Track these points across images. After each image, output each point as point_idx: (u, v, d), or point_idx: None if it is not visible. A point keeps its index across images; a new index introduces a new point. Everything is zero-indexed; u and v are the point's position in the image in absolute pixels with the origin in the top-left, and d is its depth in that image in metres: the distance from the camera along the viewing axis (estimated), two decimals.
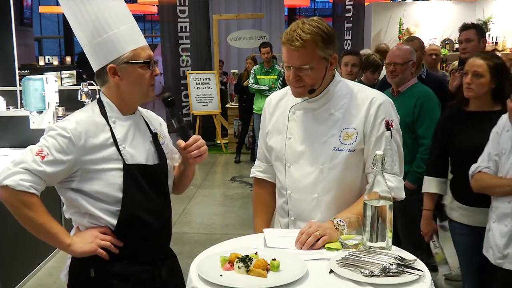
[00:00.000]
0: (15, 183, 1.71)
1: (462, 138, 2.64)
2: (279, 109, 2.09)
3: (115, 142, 1.83)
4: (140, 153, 1.88)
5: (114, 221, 1.83)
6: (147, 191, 1.87)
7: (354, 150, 1.93)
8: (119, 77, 1.83)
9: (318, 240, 1.76)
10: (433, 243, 2.77)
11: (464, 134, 2.64)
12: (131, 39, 1.84)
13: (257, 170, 2.23)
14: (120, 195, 1.81)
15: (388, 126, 1.94)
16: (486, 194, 2.43)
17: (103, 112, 1.86)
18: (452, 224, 2.75)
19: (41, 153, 1.74)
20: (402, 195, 1.96)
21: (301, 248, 1.75)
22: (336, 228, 1.81)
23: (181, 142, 1.93)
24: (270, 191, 2.19)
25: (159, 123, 2.06)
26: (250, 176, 2.26)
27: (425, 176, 2.85)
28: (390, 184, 1.83)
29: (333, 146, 1.94)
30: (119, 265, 1.85)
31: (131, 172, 1.83)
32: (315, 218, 1.96)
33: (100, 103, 1.89)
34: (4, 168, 1.76)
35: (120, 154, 1.82)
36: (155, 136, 1.97)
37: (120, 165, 1.82)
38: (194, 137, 1.93)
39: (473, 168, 2.42)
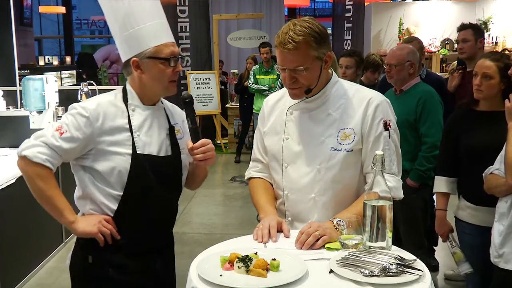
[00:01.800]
0: (32, 155, 1.83)
1: (471, 138, 2.63)
2: (276, 110, 2.09)
3: (130, 129, 1.90)
4: (153, 143, 1.94)
5: (114, 207, 1.90)
6: (153, 181, 1.91)
7: (352, 150, 1.94)
8: (141, 70, 1.91)
9: (318, 240, 1.76)
10: (449, 242, 2.74)
11: (474, 134, 2.63)
12: (155, 35, 1.90)
13: (253, 171, 2.19)
14: (126, 179, 1.88)
15: (386, 126, 1.94)
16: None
17: (125, 99, 1.95)
18: (459, 224, 2.74)
19: (60, 129, 1.86)
20: (400, 194, 1.97)
21: (301, 248, 1.75)
22: (336, 228, 1.81)
23: (190, 143, 1.95)
24: (268, 184, 2.15)
25: (182, 120, 2.09)
26: (245, 179, 2.22)
27: (435, 176, 2.84)
28: (389, 184, 1.82)
29: (331, 146, 1.94)
30: (116, 256, 1.93)
31: (140, 161, 1.89)
32: (312, 218, 1.95)
33: (124, 90, 1.98)
34: (26, 140, 1.89)
35: (133, 141, 1.89)
36: (172, 129, 2.02)
37: (131, 151, 1.88)
38: (203, 141, 1.94)
39: (486, 170, 2.43)
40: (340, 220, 1.82)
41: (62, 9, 14.60)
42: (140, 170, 1.89)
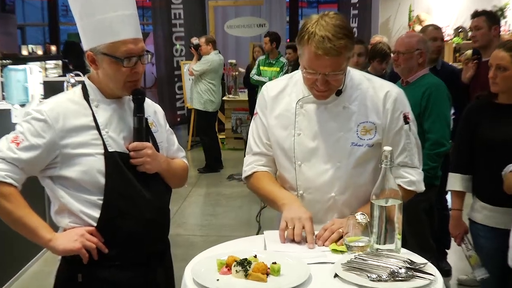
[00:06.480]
0: None
1: (489, 131, 2.61)
2: (281, 102, 2.06)
3: (97, 127, 1.83)
4: (126, 139, 1.87)
5: (96, 214, 1.81)
6: (132, 180, 1.84)
7: (373, 145, 1.96)
8: (96, 65, 1.84)
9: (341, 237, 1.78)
10: (464, 245, 2.72)
11: (492, 127, 2.62)
12: (113, 30, 1.79)
13: (257, 165, 2.11)
14: (103, 181, 1.80)
15: (406, 119, 1.99)
16: None
17: (86, 95, 1.87)
18: (475, 227, 2.72)
19: (16, 140, 1.76)
20: (422, 187, 2.06)
21: (323, 245, 1.79)
22: (359, 223, 1.80)
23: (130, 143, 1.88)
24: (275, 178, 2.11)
25: (153, 111, 2.03)
26: (249, 172, 2.12)
27: (449, 173, 2.83)
28: (412, 177, 2.00)
29: (351, 142, 1.96)
30: (109, 271, 1.84)
31: (114, 159, 1.82)
32: (331, 218, 1.95)
33: (83, 86, 1.90)
34: None
35: (102, 139, 1.82)
36: (145, 121, 1.94)
37: (102, 151, 1.81)
38: (134, 144, 1.85)
39: (506, 167, 2.41)
40: (362, 214, 1.80)
41: None
42: (117, 169, 1.81)
